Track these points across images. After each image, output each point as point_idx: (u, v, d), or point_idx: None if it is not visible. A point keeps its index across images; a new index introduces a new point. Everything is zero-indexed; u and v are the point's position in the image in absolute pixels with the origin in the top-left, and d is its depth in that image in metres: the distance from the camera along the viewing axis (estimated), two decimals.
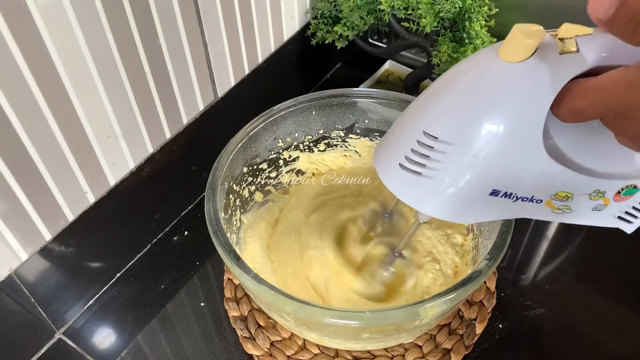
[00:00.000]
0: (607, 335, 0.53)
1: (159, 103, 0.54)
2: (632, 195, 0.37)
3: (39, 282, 0.50)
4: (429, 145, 0.34)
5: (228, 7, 0.57)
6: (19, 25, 0.39)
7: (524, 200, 0.36)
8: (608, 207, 0.38)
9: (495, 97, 0.32)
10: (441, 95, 0.35)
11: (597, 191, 0.36)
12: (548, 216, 0.38)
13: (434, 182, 0.35)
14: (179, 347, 0.53)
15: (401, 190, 0.37)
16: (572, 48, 0.30)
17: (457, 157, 0.34)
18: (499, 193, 0.35)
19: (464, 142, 0.33)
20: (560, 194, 0.36)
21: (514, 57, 0.31)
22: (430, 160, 0.35)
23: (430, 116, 0.35)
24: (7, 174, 0.43)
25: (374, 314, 0.39)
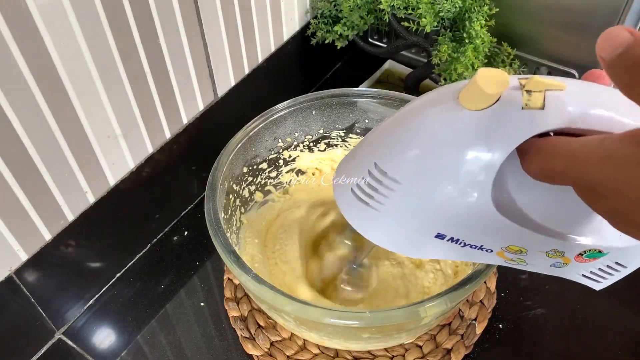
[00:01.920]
0: (607, 335, 0.53)
1: (159, 103, 0.54)
2: (596, 258, 0.36)
3: (39, 282, 0.50)
4: (378, 178, 0.33)
5: (228, 7, 0.57)
6: (19, 25, 0.39)
7: (473, 247, 0.35)
8: (569, 266, 0.37)
9: (446, 145, 0.31)
10: (396, 130, 0.34)
11: (555, 250, 0.35)
12: (502, 264, 0.37)
13: (380, 215, 0.34)
14: (179, 347, 0.53)
15: (351, 214, 0.37)
16: (537, 104, 0.28)
17: (402, 196, 0.33)
18: (445, 237, 0.34)
19: (410, 183, 0.32)
20: (512, 247, 0.35)
21: (473, 105, 0.30)
22: (377, 194, 0.34)
23: (383, 149, 0.34)
24: (7, 174, 0.43)
25: (374, 314, 0.39)
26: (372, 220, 0.35)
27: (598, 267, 0.37)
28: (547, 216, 0.34)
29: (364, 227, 0.36)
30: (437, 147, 0.31)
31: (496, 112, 0.29)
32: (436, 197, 0.32)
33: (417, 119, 0.33)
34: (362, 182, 0.34)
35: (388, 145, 0.34)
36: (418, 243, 0.35)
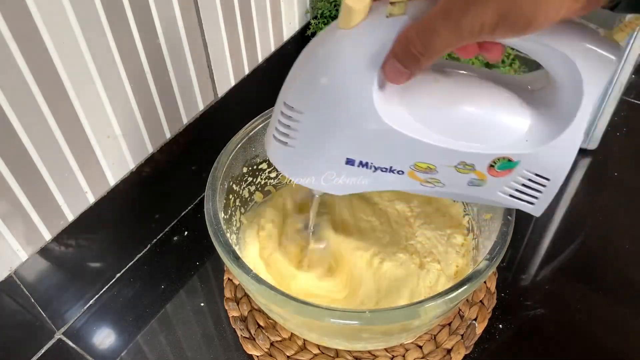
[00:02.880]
0: (607, 335, 0.53)
1: (159, 103, 0.54)
2: (510, 169, 0.37)
3: (39, 282, 0.50)
4: (288, 115, 0.36)
5: (228, 7, 0.57)
6: (19, 25, 0.39)
7: (384, 170, 0.37)
8: (487, 183, 0.38)
9: (327, 63, 0.34)
10: (295, 66, 0.37)
11: (464, 163, 0.36)
12: (421, 189, 0.39)
13: (296, 151, 0.37)
14: (179, 347, 0.53)
15: (276, 160, 0.40)
16: (400, 11, 0.31)
17: (308, 124, 0.36)
18: (354, 162, 0.37)
19: (310, 109, 0.35)
20: (420, 164, 0.36)
21: (347, 24, 0.33)
22: (291, 130, 0.37)
23: (287, 87, 0.37)
24: (7, 174, 0.43)
25: (374, 314, 0.39)
26: (291, 158, 0.38)
27: (520, 182, 0.38)
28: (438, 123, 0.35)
29: (287, 168, 0.39)
30: (320, 69, 0.34)
31: (365, 25, 0.32)
32: (334, 117, 0.35)
33: (307, 50, 0.36)
34: (278, 125, 0.37)
35: (289, 81, 0.37)
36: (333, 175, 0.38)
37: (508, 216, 0.45)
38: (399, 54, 0.31)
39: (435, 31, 0.29)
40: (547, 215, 0.63)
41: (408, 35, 0.31)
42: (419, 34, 0.30)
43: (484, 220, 0.50)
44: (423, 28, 0.30)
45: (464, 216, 0.55)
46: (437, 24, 0.29)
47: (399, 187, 0.38)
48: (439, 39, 0.29)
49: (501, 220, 0.45)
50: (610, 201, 0.64)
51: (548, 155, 0.36)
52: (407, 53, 0.31)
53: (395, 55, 0.32)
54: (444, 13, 0.29)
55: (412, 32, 0.30)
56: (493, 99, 0.36)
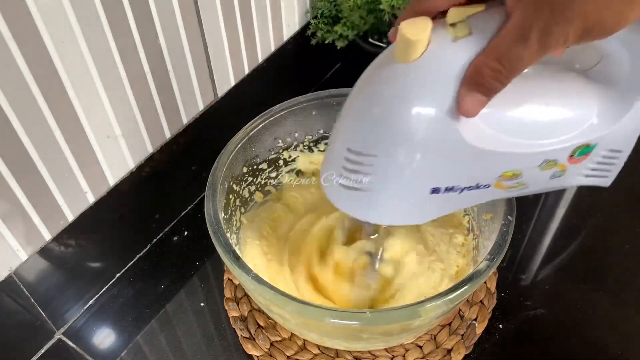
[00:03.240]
0: (607, 335, 0.53)
1: (158, 103, 0.54)
2: (588, 154, 0.36)
3: (39, 282, 0.50)
4: (356, 160, 0.34)
5: (228, 7, 0.57)
6: (19, 25, 0.39)
7: (470, 189, 0.36)
8: (567, 171, 0.37)
9: (397, 103, 0.32)
10: (354, 108, 0.35)
11: (547, 160, 0.35)
12: (505, 195, 0.38)
13: (374, 194, 0.35)
14: (179, 347, 0.53)
15: (348, 207, 0.37)
16: (465, 32, 0.30)
17: (384, 166, 0.34)
18: (440, 190, 0.35)
19: (384, 151, 0.33)
20: (506, 174, 0.36)
21: (407, 58, 0.31)
22: (362, 175, 0.35)
23: (350, 131, 0.35)
24: (7, 174, 0.43)
25: (374, 314, 0.39)
26: (369, 203, 0.36)
27: (596, 161, 0.37)
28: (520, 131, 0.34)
29: (366, 214, 0.37)
30: (390, 109, 0.32)
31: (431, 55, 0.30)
32: (415, 154, 0.33)
33: (366, 91, 0.34)
34: (345, 171, 0.35)
35: (351, 125, 0.35)
36: (420, 206, 0.36)
37: (508, 216, 0.45)
38: (478, 84, 0.30)
39: (517, 57, 0.28)
40: (547, 215, 0.63)
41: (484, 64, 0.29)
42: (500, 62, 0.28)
43: (484, 220, 0.50)
44: (502, 55, 0.28)
45: (464, 216, 0.55)
46: (517, 49, 0.28)
47: (483, 200, 0.38)
48: (521, 62, 0.28)
49: (501, 220, 0.45)
50: (610, 201, 0.64)
51: (620, 130, 0.36)
52: (488, 82, 0.29)
53: (475, 87, 0.30)
54: (522, 37, 0.27)
55: (489, 61, 0.29)
56: (561, 90, 0.35)
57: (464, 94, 0.30)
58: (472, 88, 0.30)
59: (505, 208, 0.45)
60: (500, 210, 0.46)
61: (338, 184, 0.36)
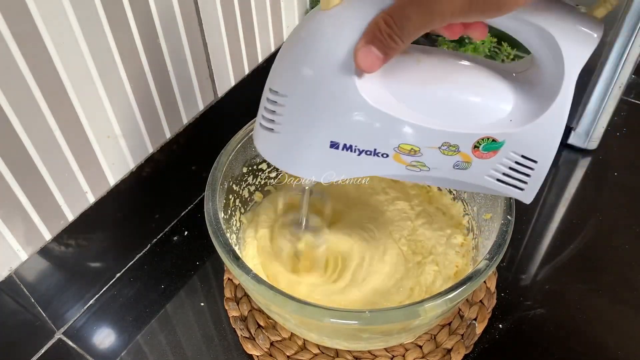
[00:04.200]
0: (607, 335, 0.53)
1: (159, 103, 0.54)
2: (496, 150, 0.36)
3: (39, 282, 0.50)
4: (273, 100, 0.36)
5: (228, 7, 0.57)
6: (19, 25, 0.39)
7: (368, 153, 0.37)
8: (472, 164, 0.37)
9: (308, 46, 0.34)
10: (281, 50, 0.37)
11: (447, 144, 0.36)
12: (408, 174, 0.38)
13: (283, 136, 0.37)
14: (179, 347, 0.53)
15: (263, 149, 0.39)
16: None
17: (291, 108, 0.36)
18: (339, 145, 0.36)
19: (293, 92, 0.35)
20: (404, 146, 0.36)
21: (327, 5, 0.33)
22: (276, 115, 0.37)
23: (272, 72, 0.37)
24: (7, 174, 0.43)
25: (374, 314, 0.39)
26: (277, 145, 0.38)
27: (507, 164, 0.37)
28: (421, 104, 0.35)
29: (273, 156, 0.39)
30: (302, 52, 0.34)
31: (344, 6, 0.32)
32: (316, 99, 0.35)
33: (292, 34, 0.36)
34: (264, 111, 0.37)
35: (275, 66, 0.37)
36: (321, 159, 0.37)
37: (508, 216, 0.45)
38: (373, 39, 0.31)
39: (408, 17, 0.30)
40: (547, 215, 0.63)
41: (381, 20, 0.31)
42: (393, 19, 0.30)
43: (484, 220, 0.50)
44: (395, 14, 0.30)
45: (464, 216, 0.55)
46: (409, 10, 0.30)
47: (384, 172, 0.38)
48: (412, 24, 0.30)
49: (501, 220, 0.45)
50: (610, 201, 0.64)
51: (533, 135, 0.36)
52: (382, 38, 0.31)
53: (370, 41, 0.31)
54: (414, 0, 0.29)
55: (386, 18, 0.31)
56: (475, 79, 0.36)
57: (360, 46, 0.32)
58: (367, 40, 0.32)
59: (505, 208, 0.45)
60: (500, 210, 0.46)
61: (259, 125, 0.38)
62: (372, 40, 0.31)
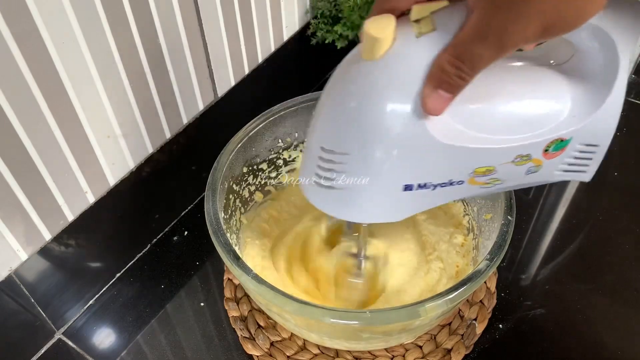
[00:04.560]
0: (607, 335, 0.53)
1: (158, 103, 0.54)
2: (564, 148, 0.36)
3: (39, 282, 0.50)
4: (329, 159, 0.35)
5: (228, 7, 0.57)
6: (19, 25, 0.39)
7: (443, 185, 0.36)
8: (544, 167, 0.37)
9: (364, 101, 0.32)
10: (325, 107, 0.35)
11: (520, 156, 0.35)
12: (481, 192, 0.38)
13: (348, 192, 0.36)
14: (179, 347, 0.53)
15: (324, 205, 0.38)
16: (428, 28, 0.30)
17: (355, 163, 0.34)
18: (413, 187, 0.35)
19: (354, 148, 0.34)
20: (479, 170, 0.35)
21: (373, 55, 0.31)
22: (335, 173, 0.35)
23: (321, 131, 0.35)
24: (7, 174, 0.43)
25: (374, 314, 0.39)
26: (343, 201, 0.36)
27: (572, 156, 0.37)
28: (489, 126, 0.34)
29: (342, 212, 0.37)
30: (358, 106, 0.32)
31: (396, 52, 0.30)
32: (385, 151, 0.33)
33: (336, 88, 0.34)
34: (319, 170, 0.36)
35: (323, 124, 0.35)
36: (394, 203, 0.36)
37: (508, 216, 0.45)
38: (440, 83, 0.30)
39: (479, 55, 0.28)
40: (547, 215, 0.63)
41: (445, 63, 0.29)
42: (460, 60, 0.29)
43: (484, 220, 0.50)
44: (462, 54, 0.29)
45: (464, 216, 0.55)
46: (478, 47, 0.28)
47: (458, 197, 0.37)
48: (483, 60, 0.28)
49: (501, 220, 0.45)
50: (610, 201, 0.64)
51: (596, 124, 0.35)
52: (449, 80, 0.29)
53: (437, 86, 0.30)
54: (481, 35, 0.27)
55: (450, 60, 0.29)
56: (532, 85, 0.35)
57: (428, 92, 0.30)
58: (435, 85, 0.30)
59: (505, 208, 0.45)
60: (500, 210, 0.46)
61: (314, 183, 0.37)
62: (439, 84, 0.30)
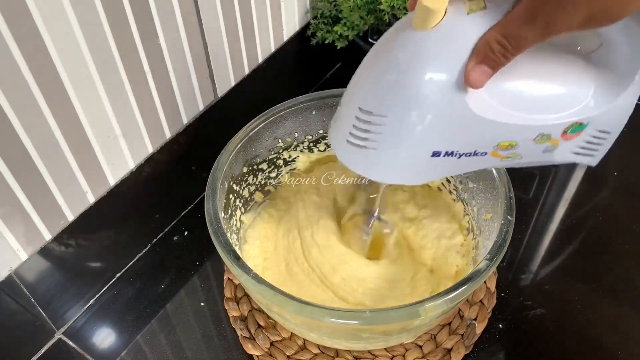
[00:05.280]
0: (607, 335, 0.53)
1: (159, 103, 0.54)
2: (580, 132, 0.38)
3: (39, 282, 0.50)
4: (366, 120, 0.37)
5: (228, 7, 0.57)
6: (19, 25, 0.39)
7: (468, 155, 0.38)
8: (559, 147, 0.39)
9: (411, 68, 0.34)
10: (369, 69, 0.37)
11: (541, 134, 0.37)
12: (498, 165, 0.40)
13: (378, 152, 0.38)
14: (179, 347, 0.53)
15: (353, 163, 0.40)
16: (479, 6, 0.32)
17: (392, 127, 0.36)
18: (440, 153, 0.37)
19: (394, 112, 0.35)
20: (503, 143, 0.38)
21: (425, 26, 0.33)
22: (370, 133, 0.37)
23: (362, 92, 0.37)
24: (7, 174, 0.43)
25: (374, 314, 0.39)
26: (373, 160, 0.38)
27: (586, 140, 0.40)
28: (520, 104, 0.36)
29: (368, 170, 0.39)
30: (404, 73, 0.34)
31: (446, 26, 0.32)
32: (423, 117, 0.35)
33: (382, 54, 0.36)
34: (354, 129, 0.37)
35: (365, 86, 0.37)
36: (419, 168, 0.38)
37: (508, 216, 0.45)
38: (485, 59, 0.32)
39: (524, 37, 0.30)
40: (547, 215, 0.63)
41: (493, 41, 0.31)
42: (507, 40, 0.31)
43: (484, 220, 0.50)
44: (510, 35, 0.31)
45: (464, 216, 0.55)
46: (523, 30, 0.30)
47: (478, 167, 0.40)
48: (528, 42, 0.30)
49: (501, 220, 0.45)
50: (610, 201, 0.64)
51: (612, 112, 0.38)
52: (494, 57, 0.31)
53: (482, 61, 0.32)
54: (530, 19, 0.30)
55: (498, 39, 0.31)
56: (561, 69, 0.37)
57: (472, 66, 0.32)
58: (480, 60, 0.32)
59: (505, 208, 0.45)
60: (500, 210, 0.46)
61: (346, 142, 0.38)
62: (483, 59, 0.32)
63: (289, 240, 0.55)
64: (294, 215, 0.57)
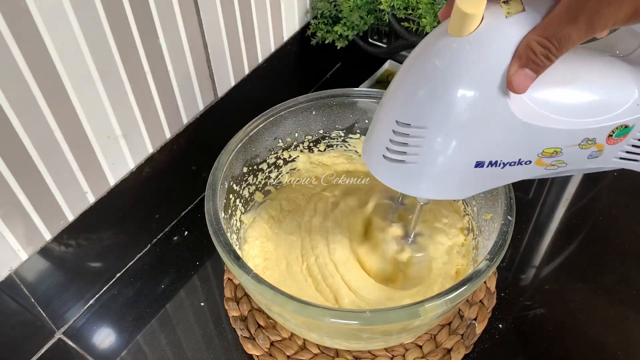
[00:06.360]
0: (607, 335, 0.53)
1: (159, 103, 0.54)
2: (625, 135, 0.37)
3: (39, 282, 0.50)
4: (404, 132, 0.35)
5: (228, 7, 0.57)
6: (19, 25, 0.39)
7: (512, 164, 0.37)
8: (604, 151, 0.38)
9: (450, 75, 0.33)
10: (405, 81, 0.36)
11: (586, 139, 0.37)
12: (543, 174, 0.39)
13: (418, 166, 0.36)
14: (179, 347, 0.53)
15: (390, 180, 0.38)
16: (517, 8, 0.31)
17: (432, 138, 0.35)
18: (484, 164, 0.36)
19: (434, 123, 0.34)
20: (547, 150, 0.37)
21: (462, 32, 0.32)
22: (409, 147, 0.36)
23: (399, 104, 0.36)
24: (7, 174, 0.43)
25: (374, 314, 0.39)
26: (412, 175, 0.37)
27: (630, 144, 0.38)
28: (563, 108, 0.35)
29: (407, 186, 0.38)
30: (443, 81, 0.33)
31: (484, 30, 0.31)
32: (465, 127, 0.34)
33: (419, 65, 0.34)
34: (391, 144, 0.36)
35: (401, 98, 0.35)
36: (462, 180, 0.37)
37: (508, 216, 0.45)
38: (527, 62, 0.31)
39: (568, 36, 0.29)
40: (547, 215, 0.63)
41: (534, 43, 0.30)
42: (549, 41, 0.30)
43: (484, 220, 0.50)
44: (553, 35, 0.30)
45: (464, 216, 0.55)
46: (566, 29, 0.29)
47: (523, 177, 0.38)
48: (572, 41, 0.30)
49: (501, 220, 0.45)
50: (610, 201, 0.64)
51: None
52: (536, 60, 0.31)
53: (524, 65, 0.31)
54: (572, 17, 0.29)
55: (539, 40, 0.30)
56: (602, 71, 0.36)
57: (514, 71, 0.31)
58: (522, 64, 0.31)
59: (505, 208, 0.45)
60: (500, 210, 0.46)
61: (382, 157, 0.37)
62: (526, 63, 0.31)
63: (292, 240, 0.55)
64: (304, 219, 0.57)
